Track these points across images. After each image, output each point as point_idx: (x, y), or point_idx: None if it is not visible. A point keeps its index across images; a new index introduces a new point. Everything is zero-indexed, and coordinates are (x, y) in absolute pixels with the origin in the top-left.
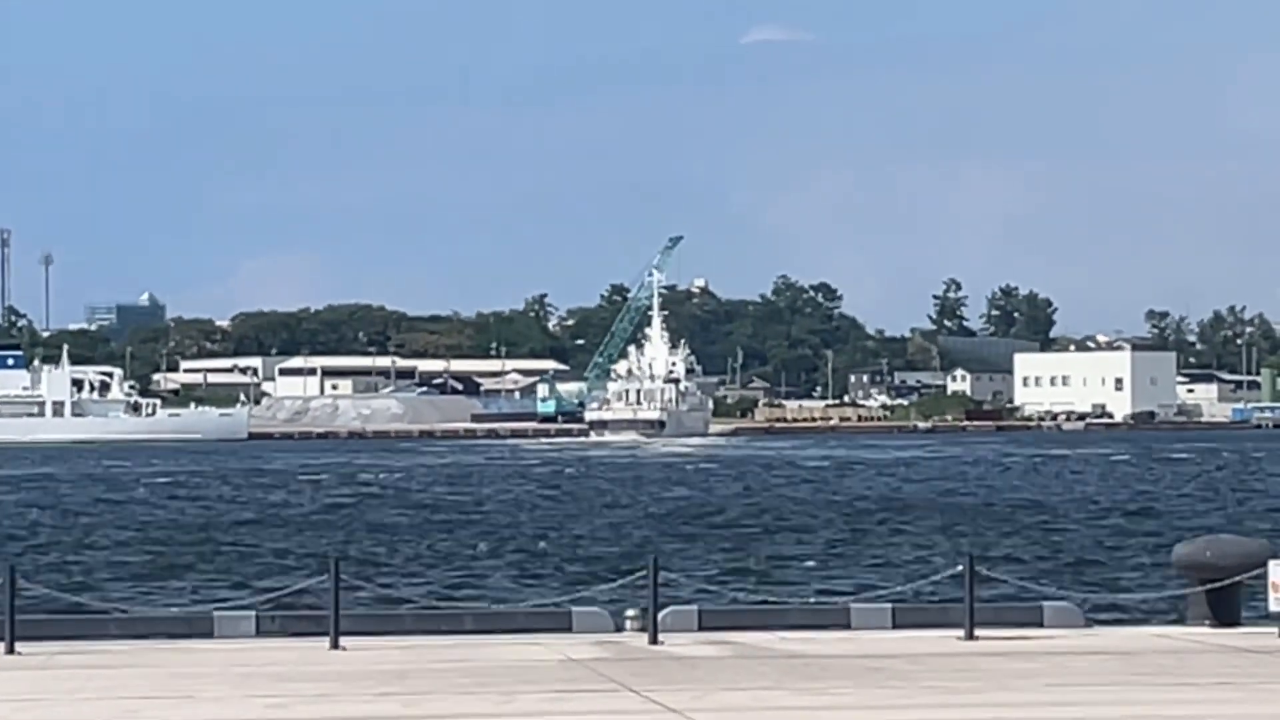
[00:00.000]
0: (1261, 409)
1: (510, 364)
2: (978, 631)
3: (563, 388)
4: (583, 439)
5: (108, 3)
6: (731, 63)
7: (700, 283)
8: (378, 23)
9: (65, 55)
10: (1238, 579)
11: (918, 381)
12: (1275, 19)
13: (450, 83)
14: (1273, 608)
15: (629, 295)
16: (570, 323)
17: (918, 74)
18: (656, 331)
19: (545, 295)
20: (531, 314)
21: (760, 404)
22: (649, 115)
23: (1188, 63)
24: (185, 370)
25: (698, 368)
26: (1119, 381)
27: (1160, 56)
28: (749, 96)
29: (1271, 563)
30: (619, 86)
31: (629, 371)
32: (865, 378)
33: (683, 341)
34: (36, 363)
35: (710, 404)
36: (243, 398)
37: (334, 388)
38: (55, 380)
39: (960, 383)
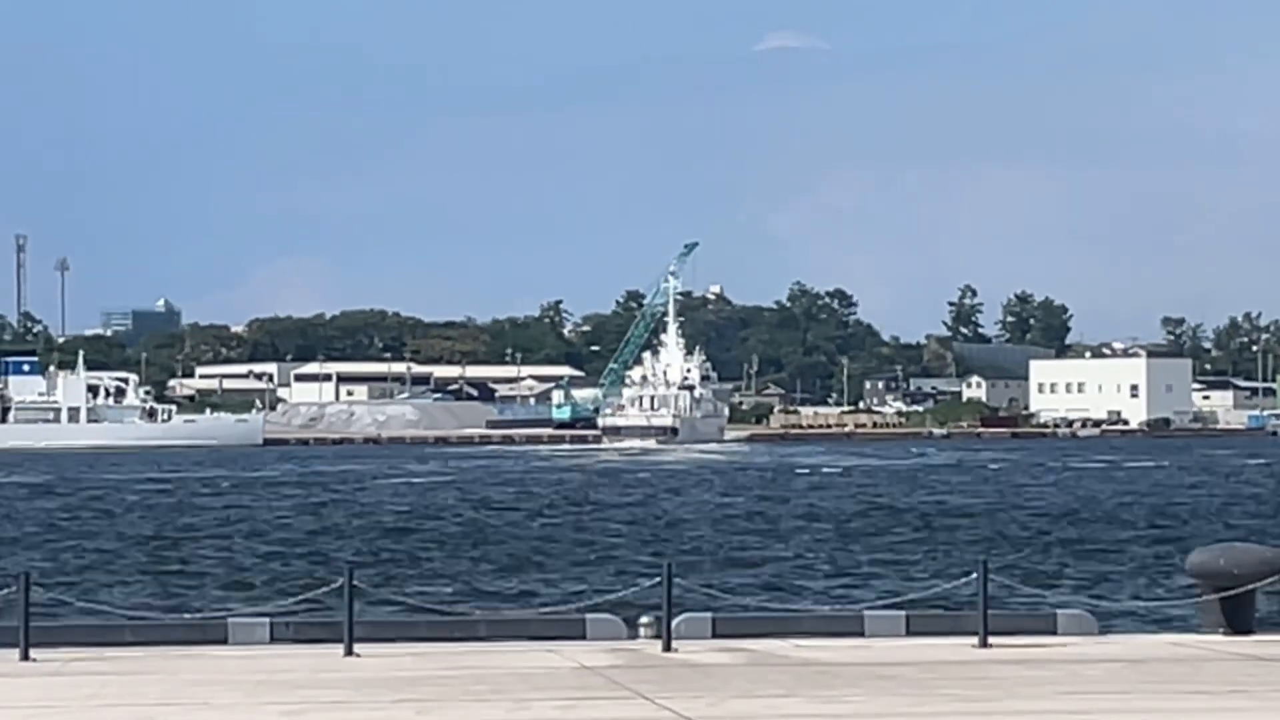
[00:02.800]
0: (1277, 415)
1: (525, 370)
2: (991, 639)
3: (578, 394)
4: (597, 445)
5: (121, 8)
6: (747, 69)
7: (716, 289)
8: (393, 28)
9: (80, 61)
10: (1252, 586)
11: (933, 388)
12: None
13: (465, 88)
14: None
15: (644, 301)
16: (586, 329)
17: (933, 80)
18: (672, 338)
19: (561, 301)
20: (547, 320)
21: (775, 410)
22: (664, 121)
23: (1203, 68)
24: (201, 376)
25: (713, 374)
26: (1134, 388)
27: (1176, 62)
28: (764, 103)
29: None
30: (634, 93)
31: (644, 378)
32: (880, 384)
33: (698, 348)
34: (52, 368)
35: (725, 410)
36: (258, 403)
37: (349, 394)
38: (71, 386)
39: (975, 389)
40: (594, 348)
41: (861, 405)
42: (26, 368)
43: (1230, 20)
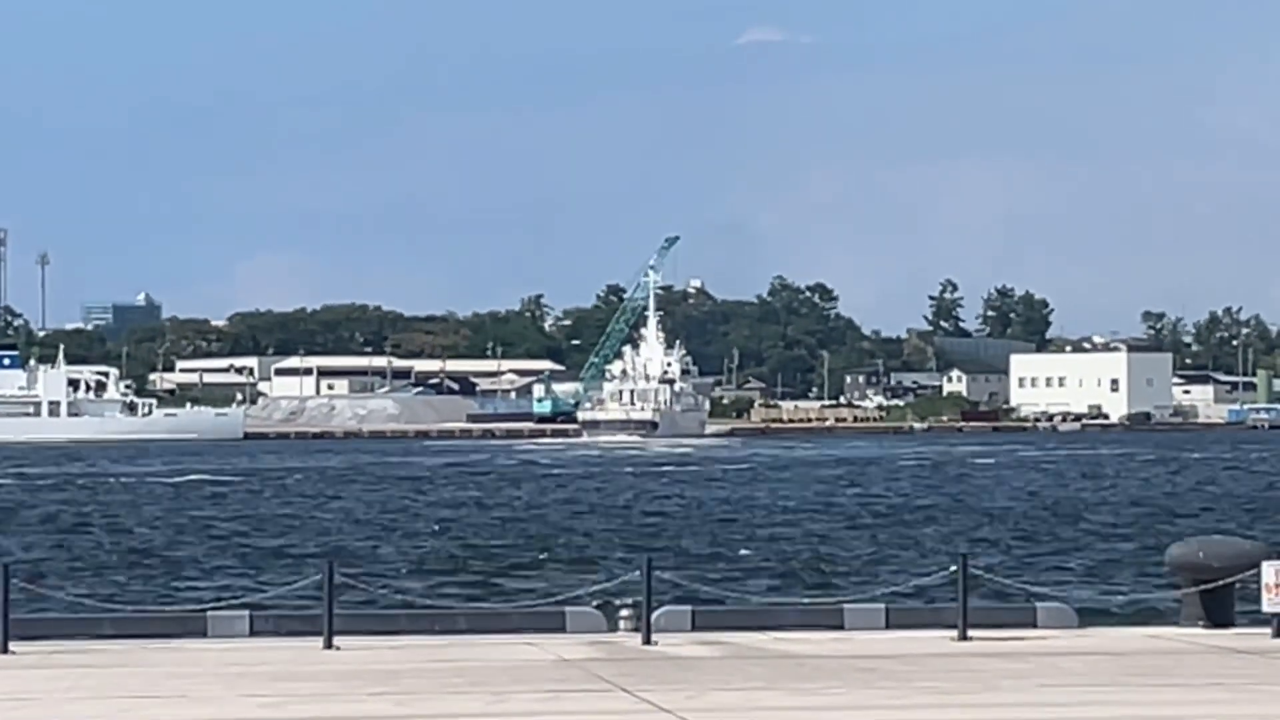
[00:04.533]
0: (1257, 410)
1: (506, 364)
2: (971, 632)
3: (559, 388)
4: (576, 439)
5: (105, 1)
6: (727, 63)
7: (696, 283)
8: (373, 23)
9: (61, 54)
10: (1231, 580)
11: (913, 382)
12: (1269, 19)
13: (446, 84)
14: (1266, 609)
15: (625, 296)
16: (566, 323)
17: (914, 74)
18: (652, 332)
19: (541, 295)
20: (528, 314)
21: (756, 404)
22: (645, 115)
23: (1183, 63)
24: (181, 370)
25: (693, 368)
26: (1115, 382)
27: (1155, 56)
28: (745, 97)
29: (1265, 564)
30: (615, 87)
31: (624, 372)
32: (861, 378)
33: (678, 342)
34: (33, 362)
35: (706, 404)
36: (239, 397)
37: (330, 388)
38: (51, 380)
39: (956, 383)
40: (575, 342)
41: (842, 399)
42: (7, 361)
43: (1210, 15)
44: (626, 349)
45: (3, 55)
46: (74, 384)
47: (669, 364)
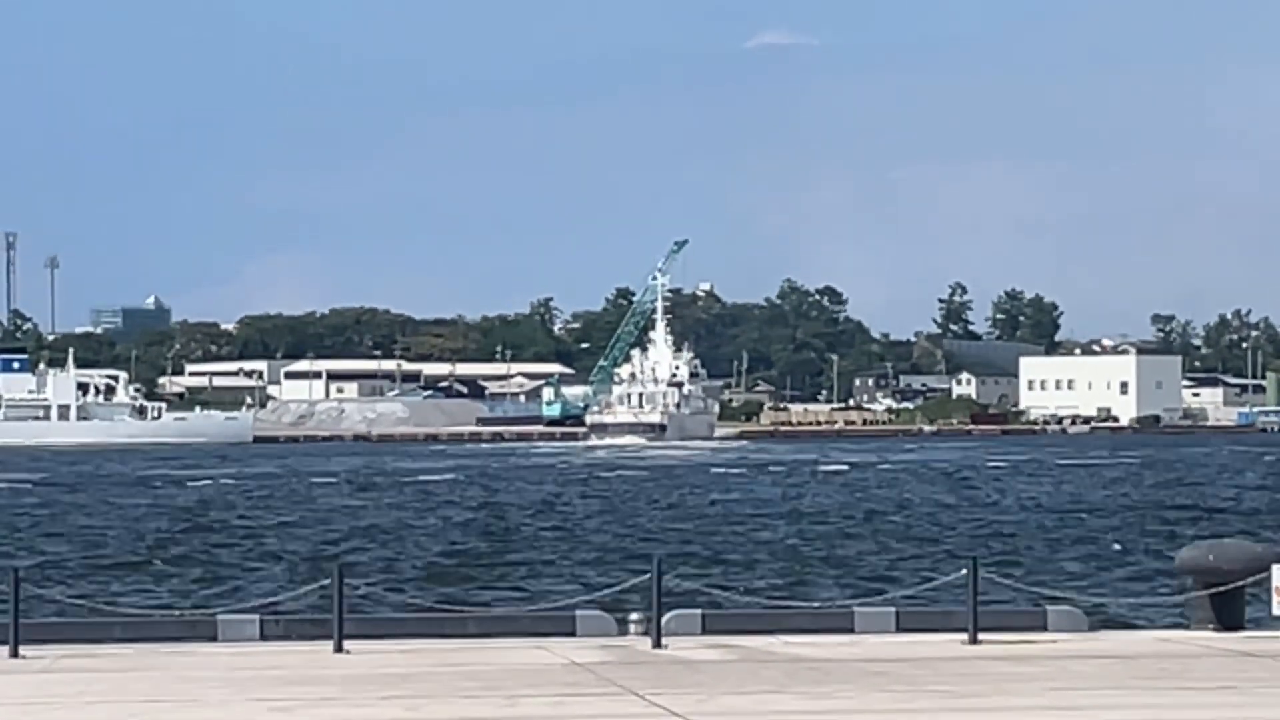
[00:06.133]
0: (1266, 413)
1: (515, 367)
2: (981, 635)
3: (568, 391)
4: (585, 443)
5: (112, 4)
6: (737, 66)
7: (705, 286)
8: (382, 24)
9: (70, 57)
10: (1241, 583)
11: (923, 385)
12: (1278, 22)
13: (455, 86)
14: (1276, 612)
15: (634, 299)
16: (576, 326)
17: (923, 77)
18: (661, 335)
19: (551, 299)
20: (537, 317)
21: (765, 407)
22: (655, 118)
23: (1192, 64)
24: (191, 373)
25: (702, 371)
26: (1124, 385)
27: (1165, 59)
28: (754, 99)
29: (1275, 567)
30: (624, 90)
31: (632, 375)
32: (870, 381)
33: (687, 345)
34: (42, 366)
35: (715, 407)
36: (248, 401)
37: (339, 391)
38: (61, 384)
39: (965, 386)
40: (584, 345)
41: (851, 402)
42: (16, 365)
43: (1221, 17)
44: (635, 352)
45: (10, 60)
46: (83, 388)
47: (678, 367)
